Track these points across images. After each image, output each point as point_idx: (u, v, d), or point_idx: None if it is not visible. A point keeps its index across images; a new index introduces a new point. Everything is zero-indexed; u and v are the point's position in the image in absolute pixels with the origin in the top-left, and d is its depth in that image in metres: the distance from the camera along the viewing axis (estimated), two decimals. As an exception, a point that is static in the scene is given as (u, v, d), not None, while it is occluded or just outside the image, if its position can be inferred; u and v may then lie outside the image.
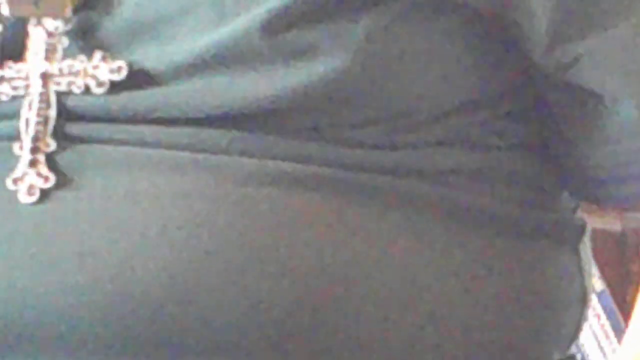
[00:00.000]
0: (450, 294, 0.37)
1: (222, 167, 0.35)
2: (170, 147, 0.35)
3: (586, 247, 0.43)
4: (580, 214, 0.44)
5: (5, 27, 0.38)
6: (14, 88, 0.37)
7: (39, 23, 0.37)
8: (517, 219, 0.40)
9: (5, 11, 0.36)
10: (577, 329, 0.42)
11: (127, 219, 0.34)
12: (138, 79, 0.36)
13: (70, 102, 0.36)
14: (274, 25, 0.36)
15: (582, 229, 0.43)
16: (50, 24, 0.37)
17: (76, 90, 0.36)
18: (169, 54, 0.36)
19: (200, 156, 0.35)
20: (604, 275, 1.02)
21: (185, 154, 0.35)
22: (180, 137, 0.35)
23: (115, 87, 0.35)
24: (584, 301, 0.42)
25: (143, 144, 0.36)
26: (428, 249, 0.37)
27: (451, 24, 0.38)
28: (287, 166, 0.35)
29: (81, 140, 0.36)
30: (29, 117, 0.36)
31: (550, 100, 0.40)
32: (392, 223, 0.37)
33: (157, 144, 0.35)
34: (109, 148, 0.36)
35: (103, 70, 0.35)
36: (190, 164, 0.35)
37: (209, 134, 0.36)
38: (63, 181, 0.35)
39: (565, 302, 0.42)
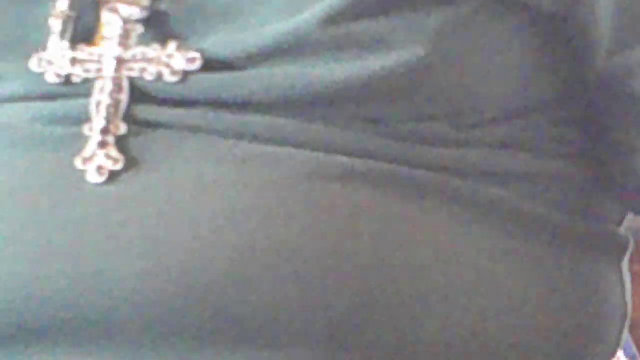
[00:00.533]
0: (503, 295, 0.38)
1: (289, 160, 0.36)
2: (238, 136, 0.36)
3: (625, 262, 0.44)
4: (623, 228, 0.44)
5: (78, 11, 0.39)
6: (86, 71, 0.38)
7: (114, 9, 0.38)
8: (569, 228, 0.40)
9: None
10: (617, 344, 0.43)
11: (195, 206, 0.34)
12: (209, 65, 0.37)
13: (142, 88, 0.37)
14: (347, 15, 0.36)
15: (627, 243, 0.43)
16: (126, 10, 0.38)
17: (148, 77, 0.37)
18: (241, 42, 0.37)
19: (268, 148, 0.36)
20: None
21: (253, 145, 0.36)
22: (249, 126, 0.36)
23: (186, 74, 0.36)
24: (624, 316, 0.43)
25: (212, 131, 0.36)
26: (483, 250, 0.38)
27: (519, 25, 0.39)
28: (352, 161, 0.36)
29: (151, 124, 0.37)
30: (100, 100, 0.37)
31: (609, 108, 0.41)
32: (451, 222, 0.37)
33: (225, 133, 0.36)
34: (178, 134, 0.36)
35: (177, 59, 0.36)
36: (258, 155, 0.36)
37: (277, 124, 0.36)
38: (132, 164, 0.36)
39: (609, 316, 0.43)
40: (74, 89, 0.38)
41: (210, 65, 0.37)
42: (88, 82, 0.37)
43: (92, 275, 0.34)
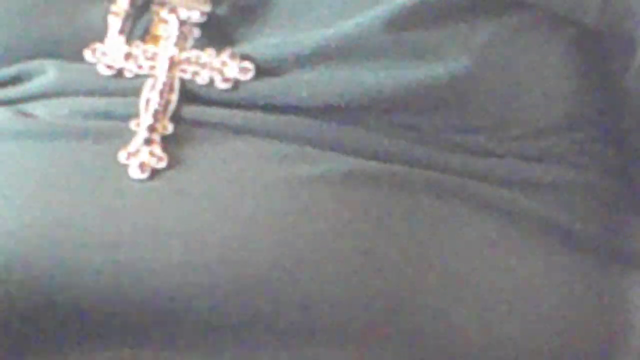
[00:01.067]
0: (534, 302, 0.39)
1: (328, 161, 0.37)
2: (281, 137, 0.37)
3: None
4: None
5: (135, 9, 0.40)
6: (139, 67, 0.38)
7: (173, 10, 0.39)
8: (599, 241, 0.41)
9: None
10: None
11: (235, 203, 0.35)
12: (260, 68, 0.37)
13: (192, 90, 0.38)
14: (399, 22, 0.37)
15: None
16: (184, 13, 0.39)
17: (200, 81, 0.37)
18: (291, 44, 0.38)
19: (308, 149, 0.36)
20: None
21: (294, 147, 0.36)
22: (292, 127, 0.37)
23: (237, 82, 0.37)
24: None
25: (256, 133, 0.37)
26: (516, 256, 0.39)
27: (563, 40, 0.40)
28: (389, 166, 0.37)
29: (197, 124, 0.37)
30: (150, 97, 0.37)
31: None
32: (485, 228, 0.38)
33: (269, 134, 0.37)
34: (223, 134, 0.37)
35: (231, 67, 0.37)
36: (298, 156, 0.36)
37: (319, 127, 0.37)
38: (175, 162, 0.36)
39: (635, 328, 0.44)
40: (124, 84, 0.38)
41: (262, 67, 0.37)
42: (138, 79, 0.38)
43: (129, 266, 0.35)
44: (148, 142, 0.36)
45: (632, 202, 0.44)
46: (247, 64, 0.37)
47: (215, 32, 0.39)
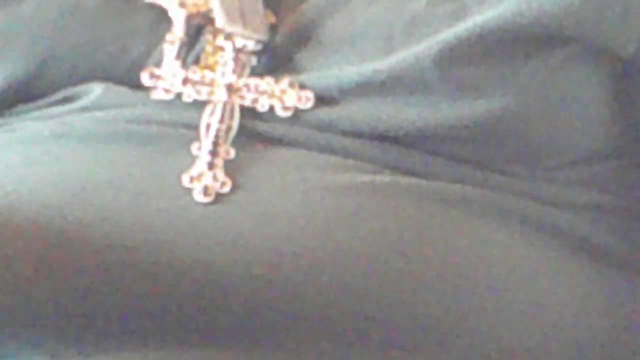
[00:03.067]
0: (566, 315, 0.42)
1: (372, 177, 0.40)
2: (337, 157, 0.40)
3: None
4: None
5: (192, 37, 0.42)
6: (197, 92, 0.40)
7: (229, 37, 0.41)
8: (628, 257, 0.45)
9: (220, 24, 0.40)
10: None
11: (303, 227, 0.38)
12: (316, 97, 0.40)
13: (253, 117, 0.39)
14: (444, 59, 0.40)
15: None
16: (240, 41, 0.41)
17: (260, 108, 0.39)
18: (340, 77, 0.40)
19: (360, 164, 0.40)
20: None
21: (350, 162, 0.40)
22: (349, 151, 0.40)
23: (297, 110, 0.39)
24: None
25: (313, 151, 0.40)
26: (552, 272, 0.42)
27: (603, 72, 0.43)
28: (427, 183, 0.41)
29: (258, 148, 0.40)
30: (210, 122, 0.39)
31: None
32: (528, 245, 0.42)
33: (323, 152, 0.40)
34: (282, 158, 0.39)
35: (290, 96, 0.39)
36: (352, 170, 0.40)
37: (362, 149, 0.40)
38: (239, 187, 0.38)
39: None
40: (182, 109, 0.40)
41: (318, 97, 0.40)
42: (197, 104, 0.39)
43: (196, 272, 0.38)
44: (210, 166, 0.38)
45: None
46: (307, 93, 0.39)
47: (271, 60, 0.41)
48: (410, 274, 0.39)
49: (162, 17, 0.44)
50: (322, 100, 0.40)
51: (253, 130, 0.39)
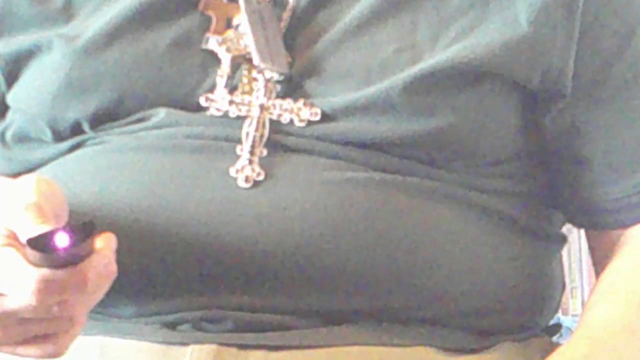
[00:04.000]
0: (490, 264, 0.59)
1: (363, 175, 0.56)
2: (334, 157, 0.55)
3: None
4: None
5: (235, 71, 0.58)
6: (239, 110, 0.56)
7: (261, 71, 0.57)
8: (535, 227, 0.62)
9: (255, 62, 0.56)
10: (559, 304, 0.66)
11: (312, 203, 0.54)
12: (323, 114, 0.56)
13: (279, 127, 0.56)
14: (407, 91, 0.56)
15: (565, 238, 0.67)
16: (268, 73, 0.57)
17: (283, 120, 0.56)
18: (336, 101, 0.56)
19: (348, 164, 0.56)
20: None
21: (341, 162, 0.56)
22: (342, 154, 0.56)
23: (309, 122, 0.56)
24: (563, 289, 0.66)
25: (319, 154, 0.55)
26: (473, 229, 0.58)
27: (518, 99, 0.60)
28: (401, 178, 0.56)
29: (282, 149, 0.56)
30: (248, 131, 0.55)
31: (561, 161, 0.63)
32: (467, 220, 0.58)
33: (327, 155, 0.56)
34: (299, 155, 0.55)
35: (304, 112, 0.55)
36: (342, 169, 0.55)
37: (355, 153, 0.56)
38: (270, 175, 0.54)
39: (555, 284, 0.65)
40: (229, 122, 0.56)
41: (325, 114, 0.56)
42: (239, 118, 0.56)
43: (251, 262, 0.54)
44: (250, 161, 0.54)
45: (553, 202, 0.66)
46: (316, 109, 0.55)
47: (291, 86, 0.57)
48: (383, 239, 0.55)
49: (211, 58, 0.59)
50: (325, 115, 0.56)
51: (278, 137, 0.56)
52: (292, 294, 0.56)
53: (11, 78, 0.65)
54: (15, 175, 0.60)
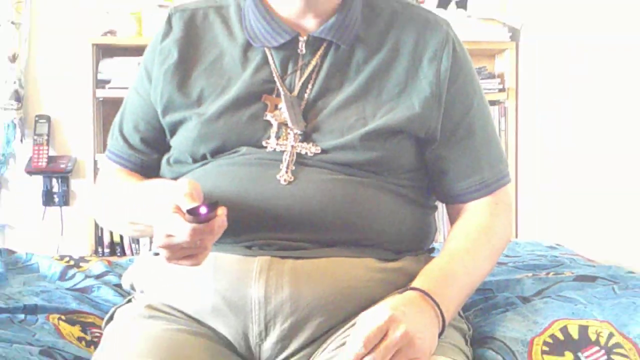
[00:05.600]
0: (401, 219, 1.03)
1: (347, 176, 1.00)
2: (330, 167, 1.00)
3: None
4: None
5: (279, 128, 1.04)
6: (281, 147, 1.01)
7: (290, 129, 1.03)
8: (423, 201, 1.07)
9: (290, 125, 1.03)
10: (432, 239, 1.11)
11: (316, 191, 0.98)
12: (322, 150, 1.02)
13: (300, 156, 1.02)
14: (362, 139, 0.98)
15: (436, 207, 1.12)
16: (295, 130, 1.02)
17: (302, 152, 1.01)
18: (327, 144, 1.00)
19: (336, 172, 0.99)
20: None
21: (334, 172, 1.00)
22: (331, 168, 1.00)
23: (315, 153, 1.02)
24: (435, 230, 1.12)
25: (320, 168, 1.00)
26: (392, 203, 1.02)
27: (413, 140, 1.03)
28: (361, 178, 1.03)
29: (302, 165, 1.00)
30: (285, 157, 1.00)
31: (434, 170, 1.08)
32: (390, 199, 1.02)
33: (326, 167, 1.00)
34: (311, 169, 1.00)
35: (312, 149, 1.01)
36: (339, 176, 1.00)
37: (339, 167, 1.00)
38: (296, 178, 0.98)
39: (433, 229, 1.11)
40: (272, 153, 1.03)
41: (324, 149, 1.02)
42: (278, 151, 1.03)
43: (291, 218, 0.97)
44: (287, 172, 1.01)
45: (431, 190, 1.09)
46: (318, 148, 1.02)
47: (305, 136, 1.02)
48: (351, 207, 0.98)
49: (268, 124, 1.00)
50: (323, 150, 1.02)
51: (300, 160, 1.00)
52: (305, 234, 0.95)
53: (172, 133, 1.08)
54: (175, 179, 1.04)
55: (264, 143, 1.01)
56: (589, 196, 1.92)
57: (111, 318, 1.08)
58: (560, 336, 0.98)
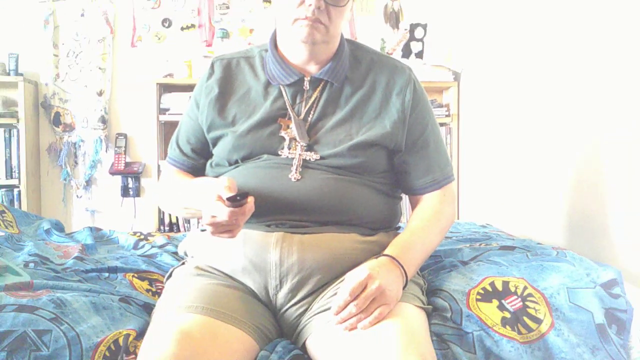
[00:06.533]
0: (376, 207, 1.00)
1: (341, 175, 0.98)
2: (327, 169, 0.99)
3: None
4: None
5: (289, 141, 1.04)
6: (292, 155, 1.01)
7: (297, 141, 1.02)
8: (393, 193, 1.05)
9: (298, 139, 1.02)
10: (399, 221, 1.08)
11: (322, 188, 0.97)
12: (321, 156, 1.00)
13: (305, 159, 1.01)
14: (350, 150, 0.97)
15: (402, 197, 1.10)
16: (302, 143, 1.01)
17: (307, 159, 1.01)
18: (324, 153, 0.99)
19: (334, 172, 0.99)
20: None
21: (330, 172, 0.99)
22: (327, 170, 0.99)
23: (316, 159, 1.01)
24: (401, 214, 1.08)
25: (319, 170, 0.99)
26: (370, 195, 0.99)
27: (387, 151, 1.00)
28: (349, 177, 1.00)
29: (307, 168, 0.99)
30: (295, 162, 1.00)
31: (401, 172, 1.05)
32: (371, 192, 0.99)
33: (324, 168, 0.99)
34: (314, 170, 0.99)
35: (314, 156, 1.01)
36: (335, 175, 0.99)
37: (333, 169, 0.99)
38: (303, 177, 0.98)
39: (399, 213, 1.08)
40: (285, 159, 1.01)
41: (322, 156, 1.01)
42: (289, 157, 1.02)
43: (299, 205, 0.95)
44: (296, 171, 1.00)
45: (398, 185, 1.05)
46: (318, 155, 1.01)
47: (308, 147, 1.01)
48: (340, 198, 0.98)
49: (282, 139, 0.99)
50: (321, 157, 1.01)
51: (305, 164, 0.99)
52: (308, 216, 0.95)
53: (213, 145, 1.07)
54: (216, 177, 1.03)
55: (279, 152, 1.00)
56: (510, 188, 1.94)
57: (170, 275, 1.07)
58: (489, 288, 0.97)
